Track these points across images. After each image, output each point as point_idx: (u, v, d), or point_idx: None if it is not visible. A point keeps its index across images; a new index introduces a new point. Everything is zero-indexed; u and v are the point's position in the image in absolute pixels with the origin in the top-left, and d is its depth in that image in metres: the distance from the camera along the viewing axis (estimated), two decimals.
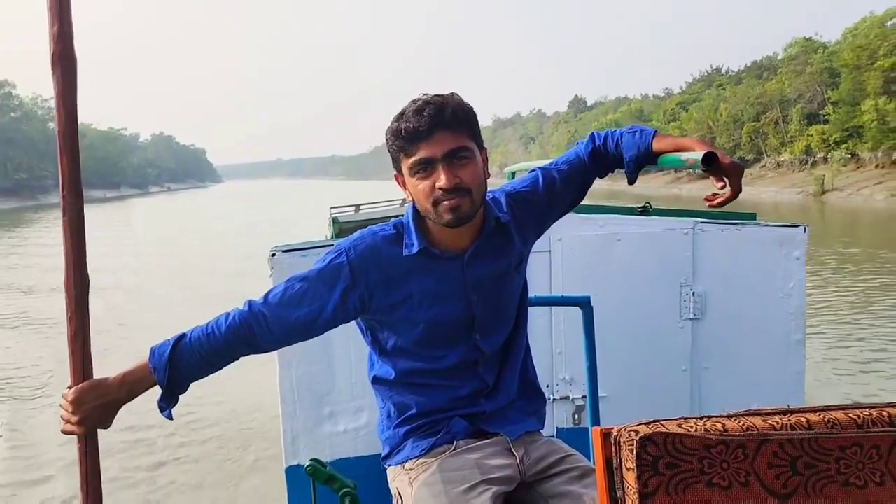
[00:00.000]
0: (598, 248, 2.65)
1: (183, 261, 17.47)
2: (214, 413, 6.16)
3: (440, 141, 1.46)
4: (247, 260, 12.12)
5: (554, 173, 1.69)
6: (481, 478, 1.49)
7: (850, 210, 31.53)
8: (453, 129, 1.47)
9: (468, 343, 1.59)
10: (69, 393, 1.44)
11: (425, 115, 1.45)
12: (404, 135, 1.47)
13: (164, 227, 32.99)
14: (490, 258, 1.58)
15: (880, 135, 40.53)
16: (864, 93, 43.52)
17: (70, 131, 1.38)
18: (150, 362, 1.47)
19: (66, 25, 1.36)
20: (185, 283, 13.86)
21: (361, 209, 4.25)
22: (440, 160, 1.46)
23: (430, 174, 1.47)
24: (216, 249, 19.42)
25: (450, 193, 1.46)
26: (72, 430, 1.45)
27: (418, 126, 1.45)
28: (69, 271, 1.42)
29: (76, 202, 1.40)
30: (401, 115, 1.49)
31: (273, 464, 4.59)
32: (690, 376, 2.74)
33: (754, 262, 2.72)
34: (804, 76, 51.64)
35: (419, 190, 1.48)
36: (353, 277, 1.52)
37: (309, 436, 2.49)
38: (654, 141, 1.61)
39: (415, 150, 1.47)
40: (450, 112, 1.46)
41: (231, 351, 1.52)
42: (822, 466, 1.12)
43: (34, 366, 8.01)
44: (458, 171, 1.47)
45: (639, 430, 1.11)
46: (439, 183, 1.46)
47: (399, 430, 1.65)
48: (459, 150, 1.47)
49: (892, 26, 46.98)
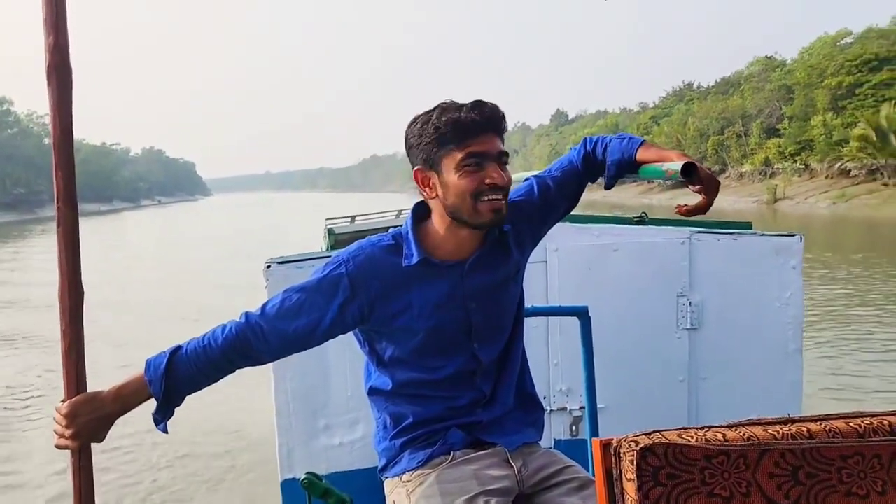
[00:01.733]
0: (594, 258, 2.65)
1: (180, 274, 17.43)
2: (208, 427, 6.11)
3: (494, 140, 1.49)
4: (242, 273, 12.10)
5: (548, 180, 1.70)
6: (480, 489, 1.47)
7: (796, 216, 34.41)
8: (500, 133, 1.51)
9: (466, 353, 1.59)
10: (63, 406, 1.42)
11: (486, 112, 1.47)
12: (464, 124, 1.45)
13: (161, 239, 33.17)
14: (490, 268, 1.58)
15: (827, 147, 44.24)
16: (814, 109, 47.35)
17: (65, 143, 1.37)
18: (145, 375, 1.45)
19: (62, 37, 1.35)
20: (182, 296, 13.82)
21: (357, 220, 4.24)
22: (494, 158, 1.48)
23: (481, 170, 1.47)
24: (212, 262, 19.35)
25: (497, 191, 1.47)
26: (65, 444, 1.43)
27: (479, 120, 1.46)
28: (63, 283, 1.40)
29: (71, 214, 1.39)
30: (448, 107, 1.47)
31: (268, 477, 4.55)
32: (688, 386, 2.73)
33: (751, 271, 2.73)
34: (764, 93, 56.03)
35: (464, 184, 1.46)
36: (353, 289, 1.51)
37: (304, 449, 2.48)
38: (639, 150, 1.61)
39: (471, 142, 1.46)
40: (501, 117, 1.51)
41: (228, 363, 1.50)
42: (824, 476, 1.11)
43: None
44: (505, 173, 1.49)
45: (639, 441, 1.11)
46: (491, 179, 1.46)
47: (395, 442, 1.63)
48: (505, 154, 1.51)
49: (843, 46, 51.09)
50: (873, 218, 30.48)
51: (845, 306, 10.95)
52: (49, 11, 1.34)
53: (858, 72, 45.71)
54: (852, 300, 11.49)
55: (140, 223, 53.75)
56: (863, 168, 41.73)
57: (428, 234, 1.56)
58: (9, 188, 68.72)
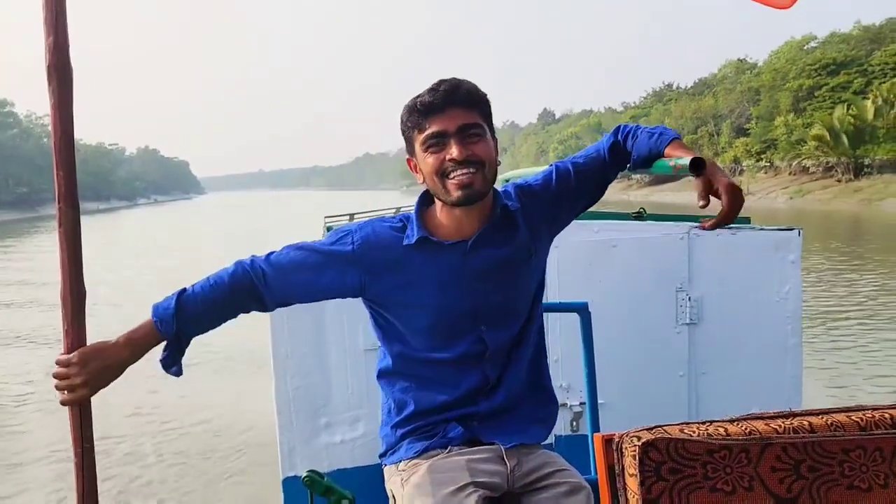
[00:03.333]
0: (593, 254, 2.65)
1: (181, 272, 17.41)
2: (209, 425, 6.12)
3: (453, 116, 1.48)
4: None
5: (569, 167, 1.68)
6: (470, 479, 1.48)
7: (755, 210, 36.91)
8: (466, 106, 1.50)
9: (473, 335, 1.58)
10: (73, 356, 1.40)
11: (440, 91, 1.48)
12: (419, 108, 1.49)
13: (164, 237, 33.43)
14: (495, 247, 1.57)
15: (788, 146, 47.85)
16: (778, 110, 50.96)
17: (66, 143, 1.37)
18: (153, 317, 1.47)
19: (62, 36, 1.35)
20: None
21: (356, 219, 4.25)
22: (453, 134, 1.48)
23: (443, 148, 1.49)
24: (211, 260, 19.33)
25: (461, 166, 1.47)
26: (74, 396, 1.40)
27: (433, 101, 1.48)
28: (65, 283, 1.40)
29: (72, 213, 1.38)
30: (417, 95, 1.52)
31: (270, 475, 4.56)
32: (688, 381, 2.74)
33: (749, 266, 2.73)
34: (734, 94, 59.76)
35: (429, 164, 1.50)
36: (355, 257, 1.55)
37: (306, 447, 2.48)
38: (667, 148, 1.58)
39: (428, 124, 1.49)
40: (464, 91, 1.50)
41: (234, 302, 1.53)
42: (826, 469, 1.11)
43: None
44: (471, 145, 1.49)
45: (641, 436, 1.11)
46: (451, 155, 1.47)
47: (397, 431, 1.65)
48: (472, 125, 1.50)
49: (809, 49, 55.27)
50: (824, 211, 33.88)
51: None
52: (49, 11, 1.33)
53: (818, 75, 49.49)
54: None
55: (140, 222, 54.24)
56: (819, 165, 45.60)
57: (432, 216, 1.59)
58: (11, 187, 70.45)
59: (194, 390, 6.78)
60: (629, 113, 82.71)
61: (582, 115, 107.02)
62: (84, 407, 1.43)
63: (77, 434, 1.43)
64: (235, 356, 7.78)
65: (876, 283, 12.77)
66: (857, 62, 48.73)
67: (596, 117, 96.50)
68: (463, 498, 1.44)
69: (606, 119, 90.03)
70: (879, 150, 40.88)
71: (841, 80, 47.63)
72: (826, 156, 43.98)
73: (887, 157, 40.35)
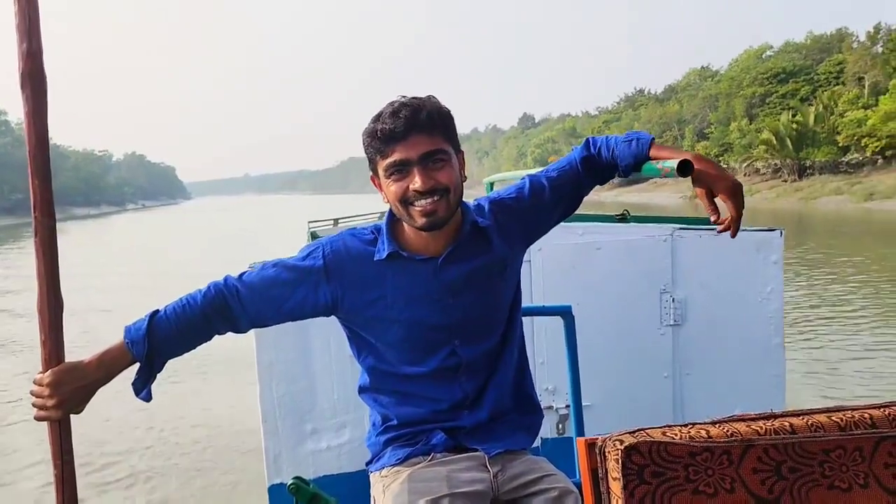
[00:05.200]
0: (578, 256, 2.66)
1: (166, 277, 17.33)
2: (193, 433, 6.08)
3: (416, 143, 1.45)
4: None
5: (543, 180, 1.67)
6: (447, 491, 1.47)
7: None
8: (429, 131, 1.46)
9: (447, 348, 1.58)
10: (45, 376, 1.40)
11: (401, 118, 1.44)
12: (380, 136, 1.46)
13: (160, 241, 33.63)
14: (465, 262, 1.57)
15: (742, 149, 52.94)
16: (734, 115, 56.64)
17: (41, 151, 1.34)
18: (125, 338, 1.45)
19: (35, 43, 1.32)
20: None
21: (340, 223, 4.24)
22: (416, 162, 1.46)
23: (405, 176, 1.47)
24: (198, 265, 19.27)
25: (424, 196, 1.46)
26: (46, 415, 1.40)
27: (394, 128, 1.44)
28: (42, 293, 1.38)
29: (48, 222, 1.35)
30: (377, 116, 1.48)
31: (255, 483, 4.53)
32: (673, 382, 2.75)
33: (732, 266, 2.75)
34: (697, 100, 65.82)
35: (392, 191, 1.48)
36: (327, 272, 1.54)
37: (291, 454, 2.47)
38: (650, 151, 1.60)
39: (390, 151, 1.46)
40: (426, 115, 1.46)
41: (206, 323, 1.52)
42: (807, 470, 1.12)
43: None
44: (434, 173, 1.47)
45: (623, 440, 1.11)
46: (414, 185, 1.45)
47: (381, 438, 1.65)
48: (435, 152, 1.47)
49: (766, 58, 61.50)
50: (770, 209, 38.31)
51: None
52: (21, 18, 1.31)
53: (769, 83, 55.56)
54: None
55: (132, 226, 54.88)
56: (769, 167, 51.35)
57: (402, 230, 1.57)
58: (7, 194, 73.08)
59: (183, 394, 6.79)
60: (602, 118, 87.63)
61: (560, 120, 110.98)
62: (63, 421, 1.42)
63: (56, 448, 1.41)
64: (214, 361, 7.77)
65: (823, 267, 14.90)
66: (805, 71, 54.88)
67: (571, 121, 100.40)
68: None
69: (581, 123, 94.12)
70: (819, 153, 45.87)
71: (789, 87, 53.79)
72: (773, 158, 49.08)
73: (825, 159, 45.67)
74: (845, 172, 44.50)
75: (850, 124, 43.48)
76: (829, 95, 48.17)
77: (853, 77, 49.02)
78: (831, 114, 46.49)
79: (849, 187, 40.38)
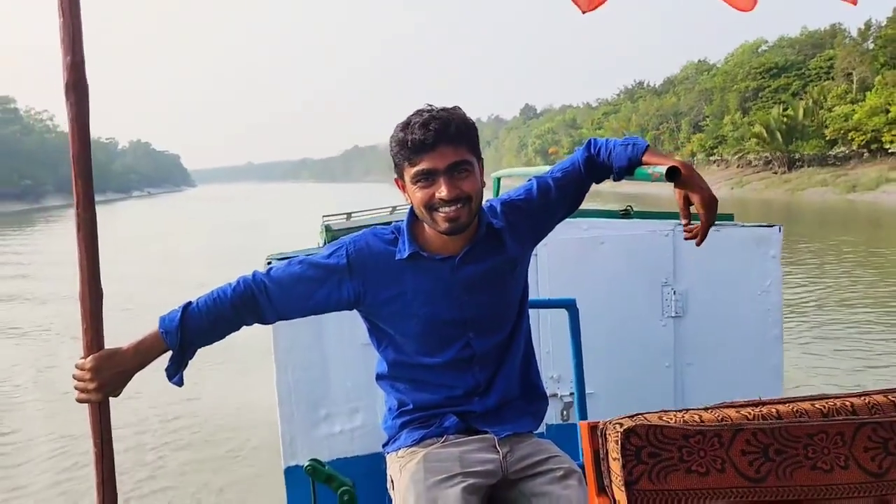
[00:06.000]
0: (582, 251, 2.74)
1: (181, 270, 17.42)
2: (212, 417, 6.22)
3: (443, 154, 1.54)
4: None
5: (549, 181, 1.78)
6: (460, 470, 1.59)
7: None
8: (456, 143, 1.55)
9: (462, 341, 1.69)
10: (86, 361, 1.51)
11: (431, 129, 1.53)
12: (409, 146, 1.55)
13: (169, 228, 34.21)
14: (481, 261, 1.67)
15: (734, 142, 55.64)
16: (728, 109, 58.64)
17: (83, 154, 1.45)
18: (160, 328, 1.57)
19: (79, 55, 1.43)
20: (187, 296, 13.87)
21: (353, 217, 4.32)
22: (442, 172, 1.55)
23: (432, 184, 1.56)
24: (210, 258, 19.35)
25: (449, 204, 1.56)
26: (87, 398, 1.52)
27: (424, 139, 1.53)
28: (84, 285, 1.49)
29: (90, 219, 1.47)
30: (406, 125, 1.57)
31: (270, 464, 4.66)
32: (674, 372, 2.84)
33: (732, 261, 2.83)
34: (693, 93, 67.78)
35: (418, 197, 1.58)
36: (350, 270, 1.64)
37: (306, 437, 2.57)
38: (643, 156, 1.70)
39: (418, 160, 1.55)
40: (454, 127, 1.55)
41: (236, 316, 1.62)
42: (792, 452, 1.21)
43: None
44: (459, 182, 1.57)
45: (623, 423, 1.21)
46: (440, 194, 1.55)
47: (397, 422, 1.76)
48: (461, 163, 1.56)
49: (760, 52, 63.89)
50: (760, 199, 41.44)
51: None
52: (66, 32, 1.42)
53: (762, 78, 57.41)
54: None
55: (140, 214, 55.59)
56: (760, 159, 53.80)
57: (422, 230, 1.67)
58: (16, 181, 75.29)
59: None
60: (602, 109, 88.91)
61: (561, 111, 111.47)
62: (102, 404, 1.53)
63: (96, 428, 1.53)
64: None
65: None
66: (797, 66, 56.64)
67: (572, 113, 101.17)
68: (450, 486, 1.55)
69: (581, 114, 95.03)
70: (807, 146, 48.50)
71: (781, 82, 55.73)
72: (764, 151, 51.56)
73: (813, 152, 48.37)
74: (833, 165, 47.04)
75: (837, 119, 45.64)
76: (818, 90, 50.64)
77: (842, 73, 50.73)
78: (820, 108, 48.79)
79: (834, 179, 42.94)
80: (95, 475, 1.54)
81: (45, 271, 17.63)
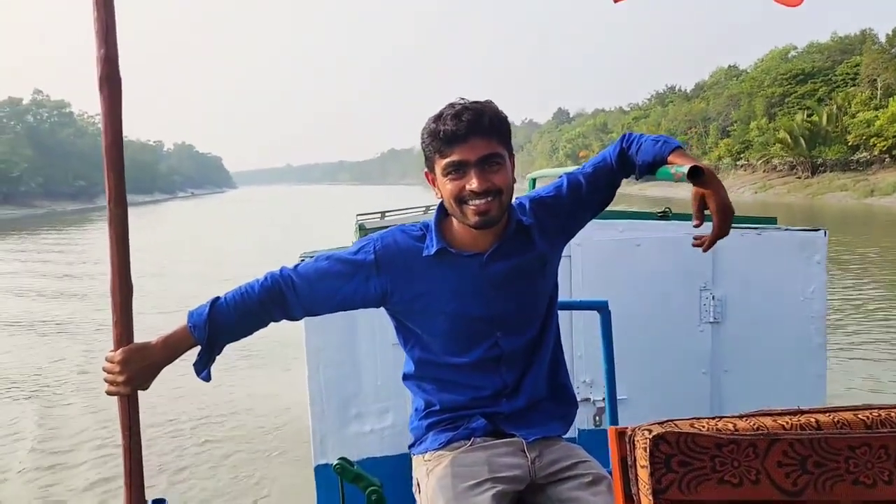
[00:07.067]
0: (617, 252, 2.69)
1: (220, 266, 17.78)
2: (245, 416, 6.30)
3: (475, 146, 1.53)
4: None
5: (580, 178, 1.75)
6: (489, 475, 1.55)
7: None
8: (488, 136, 1.54)
9: (489, 340, 1.66)
10: (116, 354, 1.52)
11: (463, 121, 1.52)
12: (442, 137, 1.54)
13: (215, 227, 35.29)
14: (510, 258, 1.64)
15: (761, 147, 56.88)
16: (754, 114, 60.44)
17: (115, 147, 1.47)
18: (188, 323, 1.57)
19: (112, 49, 1.44)
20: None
21: (387, 216, 4.34)
22: (473, 164, 1.53)
23: (462, 176, 1.54)
24: (250, 254, 19.69)
25: (479, 196, 1.53)
26: (116, 390, 1.53)
27: (456, 130, 1.52)
28: (115, 278, 1.50)
29: (121, 213, 1.48)
30: (439, 116, 1.56)
31: (302, 462, 4.70)
32: (710, 379, 2.76)
33: (774, 266, 2.75)
34: (721, 98, 68.84)
35: (448, 189, 1.56)
36: (378, 266, 1.63)
37: (337, 436, 2.57)
38: (670, 156, 1.65)
39: (450, 152, 1.54)
40: (487, 120, 1.53)
41: (264, 311, 1.62)
42: (832, 465, 1.15)
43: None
44: (490, 175, 1.54)
45: (652, 430, 1.16)
46: (470, 186, 1.53)
47: (423, 423, 1.74)
48: (493, 156, 1.54)
49: (790, 58, 65.14)
50: (782, 203, 43.10)
51: None
52: (100, 25, 1.43)
53: (788, 84, 59.23)
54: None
55: (187, 214, 57.32)
56: (785, 164, 54.93)
57: (450, 227, 1.65)
58: (71, 181, 78.80)
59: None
60: (633, 114, 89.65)
61: (594, 115, 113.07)
62: (131, 397, 1.54)
63: (125, 421, 1.54)
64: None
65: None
66: (824, 72, 57.82)
67: (603, 117, 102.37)
68: (480, 493, 1.52)
69: (612, 119, 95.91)
70: (830, 151, 49.54)
71: (808, 88, 57.33)
72: (788, 156, 52.99)
73: (835, 157, 49.27)
74: (855, 170, 47.76)
75: (859, 124, 46.57)
76: (843, 96, 51.26)
77: (867, 79, 51.12)
78: (844, 114, 49.39)
79: (853, 184, 44.13)
80: (123, 466, 1.55)
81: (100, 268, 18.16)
